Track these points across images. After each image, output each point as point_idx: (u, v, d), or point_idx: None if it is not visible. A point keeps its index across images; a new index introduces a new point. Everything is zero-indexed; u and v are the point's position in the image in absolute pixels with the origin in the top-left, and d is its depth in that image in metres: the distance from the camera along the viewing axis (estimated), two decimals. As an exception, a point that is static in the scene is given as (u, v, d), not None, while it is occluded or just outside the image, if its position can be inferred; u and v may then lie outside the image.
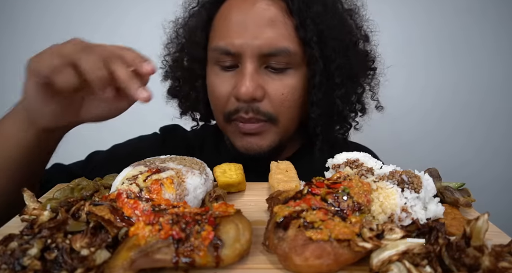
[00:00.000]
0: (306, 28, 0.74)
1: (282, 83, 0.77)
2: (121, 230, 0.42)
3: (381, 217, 0.46)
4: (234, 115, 0.78)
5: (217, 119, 0.86)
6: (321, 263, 0.38)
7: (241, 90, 0.73)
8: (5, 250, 0.39)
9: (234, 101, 0.77)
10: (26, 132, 0.60)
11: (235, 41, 0.73)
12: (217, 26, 0.79)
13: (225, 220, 0.42)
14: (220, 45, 0.76)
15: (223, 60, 0.77)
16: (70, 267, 0.37)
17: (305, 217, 0.42)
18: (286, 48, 0.74)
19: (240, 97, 0.74)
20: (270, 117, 0.78)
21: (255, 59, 0.74)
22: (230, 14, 0.76)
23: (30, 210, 0.49)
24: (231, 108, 0.78)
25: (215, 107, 0.83)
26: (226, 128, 0.84)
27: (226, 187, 0.62)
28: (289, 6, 0.75)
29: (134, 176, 0.51)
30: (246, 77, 0.73)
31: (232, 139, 0.83)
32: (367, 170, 0.56)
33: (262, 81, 0.76)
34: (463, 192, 0.58)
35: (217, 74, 0.80)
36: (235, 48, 0.74)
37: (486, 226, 0.37)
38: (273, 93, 0.76)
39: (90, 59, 0.50)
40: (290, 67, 0.77)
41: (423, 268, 0.36)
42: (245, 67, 0.74)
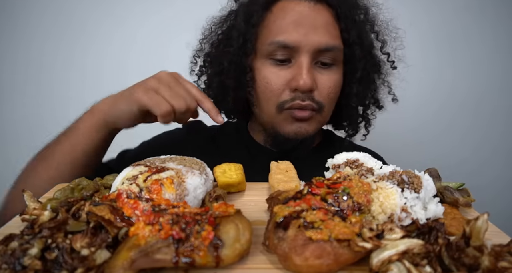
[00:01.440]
0: (350, 32, 0.86)
1: (329, 77, 0.87)
2: (121, 230, 0.42)
3: (381, 217, 0.46)
4: (289, 104, 0.86)
5: (267, 110, 0.91)
6: (321, 263, 0.38)
7: (300, 82, 0.82)
8: (6, 250, 0.39)
9: (288, 93, 0.86)
10: (98, 132, 0.77)
11: (294, 35, 0.82)
12: (272, 23, 0.86)
13: (225, 220, 0.42)
14: (278, 39, 0.83)
15: (277, 54, 0.85)
16: (70, 267, 0.37)
17: (305, 217, 0.42)
18: (338, 46, 0.85)
19: (300, 88, 0.83)
20: (320, 106, 0.88)
21: (310, 54, 0.83)
22: (286, 13, 0.85)
23: (30, 210, 0.49)
24: (286, 98, 0.87)
25: (268, 98, 0.89)
26: (276, 117, 0.90)
27: (226, 187, 0.62)
28: (337, 13, 0.86)
29: (134, 176, 0.51)
30: (304, 69, 0.82)
31: (282, 126, 0.91)
32: (367, 170, 0.56)
33: (313, 75, 0.85)
34: (463, 192, 0.58)
35: (270, 68, 0.87)
36: (294, 43, 0.82)
37: (485, 226, 0.37)
38: (322, 86, 0.86)
39: (181, 102, 0.71)
40: (334, 63, 0.87)
41: (423, 268, 0.36)
42: (302, 61, 0.83)
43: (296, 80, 0.83)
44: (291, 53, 0.84)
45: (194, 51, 1.05)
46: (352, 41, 0.87)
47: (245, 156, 0.79)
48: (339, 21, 0.87)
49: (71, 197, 0.54)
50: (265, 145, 1.00)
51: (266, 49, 0.86)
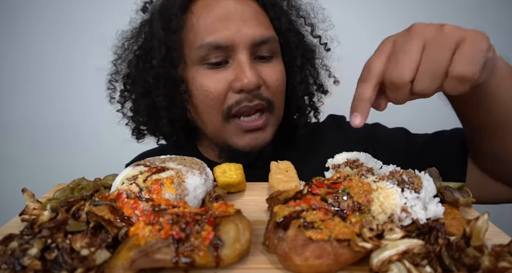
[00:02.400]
0: (280, 20, 0.82)
1: (273, 69, 0.81)
2: (121, 230, 0.42)
3: (381, 217, 0.46)
4: (236, 108, 0.78)
5: (212, 121, 0.81)
6: (321, 263, 0.38)
7: (245, 80, 0.74)
8: (5, 250, 0.39)
9: (232, 95, 0.77)
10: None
11: (225, 33, 0.74)
12: (195, 24, 0.77)
13: (225, 220, 0.42)
14: (208, 40, 0.74)
15: (211, 57, 0.76)
16: (70, 267, 0.37)
17: (305, 217, 0.42)
18: (273, 36, 0.80)
19: (246, 87, 0.75)
20: (270, 103, 0.81)
21: (247, 49, 0.76)
22: (210, 11, 0.77)
23: (30, 210, 0.49)
24: (231, 102, 0.78)
25: (210, 108, 0.79)
26: (223, 129, 0.81)
27: (226, 187, 0.62)
28: (263, 2, 0.82)
29: (134, 176, 0.51)
30: (246, 67, 0.75)
31: (233, 139, 0.82)
32: (367, 170, 0.56)
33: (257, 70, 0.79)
34: (463, 192, 0.58)
35: (205, 74, 0.78)
36: (227, 41, 0.74)
37: (486, 226, 0.37)
38: (268, 79, 0.80)
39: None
40: (274, 55, 0.82)
41: (423, 268, 0.36)
42: (241, 58, 0.76)
43: (240, 79, 0.74)
44: (226, 53, 0.76)
45: (110, 76, 0.93)
46: (285, 28, 0.83)
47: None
48: (267, 10, 0.82)
49: (71, 197, 0.54)
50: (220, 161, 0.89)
51: (196, 54, 0.77)
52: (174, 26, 0.78)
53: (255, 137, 0.81)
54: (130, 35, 0.90)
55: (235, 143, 0.82)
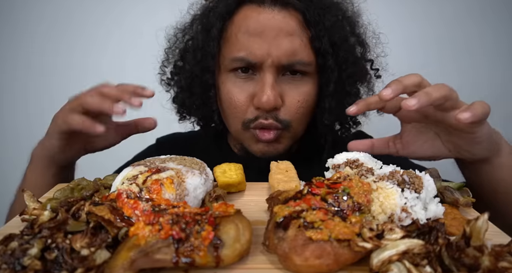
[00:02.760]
0: (321, 39, 0.78)
1: (298, 90, 0.80)
2: (121, 230, 0.42)
3: (381, 217, 0.46)
4: (253, 123, 0.81)
5: (234, 126, 0.86)
6: (321, 263, 0.38)
7: (263, 99, 0.75)
8: (6, 250, 0.39)
9: (253, 110, 0.80)
10: (50, 174, 0.75)
11: (256, 52, 0.76)
12: (234, 36, 0.79)
13: (225, 220, 0.42)
14: (241, 55, 0.77)
15: (240, 68, 0.80)
16: (70, 267, 0.37)
17: (305, 217, 0.42)
18: (301, 60, 0.78)
19: (262, 106, 0.76)
20: (286, 124, 0.81)
21: (274, 69, 0.77)
22: (248, 25, 0.77)
23: (30, 210, 0.49)
24: (250, 116, 0.81)
25: (233, 115, 0.83)
26: (242, 135, 0.85)
27: (226, 187, 0.62)
28: (305, 17, 0.78)
29: (134, 176, 0.51)
30: (267, 87, 0.76)
31: (248, 144, 0.86)
32: (367, 170, 0.56)
33: (280, 90, 0.79)
34: (463, 192, 0.58)
35: (234, 82, 0.81)
36: (256, 58, 0.76)
37: (486, 226, 0.37)
38: (289, 100, 0.80)
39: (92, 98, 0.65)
40: (305, 75, 0.81)
41: (423, 268, 0.36)
42: (265, 77, 0.77)
43: (259, 97, 0.76)
44: (255, 68, 0.79)
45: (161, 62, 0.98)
46: (324, 50, 0.78)
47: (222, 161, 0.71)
48: (309, 28, 0.78)
49: (71, 197, 0.54)
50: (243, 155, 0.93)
51: (228, 64, 0.80)
52: (213, 35, 0.81)
53: (267, 146, 0.84)
54: (182, 27, 0.93)
55: (249, 147, 0.86)
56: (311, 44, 0.78)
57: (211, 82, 0.84)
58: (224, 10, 0.81)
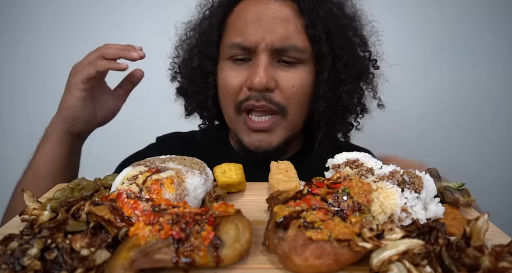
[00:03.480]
0: (316, 27, 0.81)
1: (293, 75, 0.83)
2: (121, 230, 0.42)
3: (381, 217, 0.46)
4: (244, 103, 0.83)
5: (228, 112, 0.88)
6: (321, 263, 0.38)
7: (255, 80, 0.78)
8: (5, 250, 0.39)
9: (246, 91, 0.83)
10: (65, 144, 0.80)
11: (251, 36, 0.80)
12: (232, 25, 0.85)
13: (225, 220, 0.42)
14: (236, 41, 0.82)
15: (237, 54, 0.83)
16: (70, 267, 0.37)
17: (305, 217, 0.42)
18: (295, 45, 0.81)
19: (254, 86, 0.79)
20: (282, 107, 0.82)
21: (268, 52, 0.80)
22: (245, 14, 0.82)
23: (30, 210, 0.49)
24: (242, 97, 0.83)
25: (226, 98, 0.86)
26: (235, 122, 0.87)
27: (226, 187, 0.62)
28: (300, 6, 0.81)
29: (134, 176, 0.51)
30: (260, 68, 0.79)
31: (241, 135, 0.87)
32: (367, 170, 0.56)
33: (274, 74, 0.81)
34: (463, 192, 0.58)
35: (231, 67, 0.85)
36: (250, 43, 0.80)
37: (486, 226, 0.37)
38: (284, 84, 0.82)
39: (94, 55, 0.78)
40: (300, 62, 0.83)
41: (423, 268, 0.36)
42: (259, 60, 0.80)
43: (251, 78, 0.79)
44: (250, 53, 0.82)
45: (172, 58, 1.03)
46: (318, 37, 0.81)
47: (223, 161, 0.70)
48: (303, 16, 0.81)
49: (71, 197, 0.54)
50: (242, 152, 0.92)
51: (226, 52, 0.85)
52: (215, 23, 0.86)
53: (260, 138, 0.84)
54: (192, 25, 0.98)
55: (242, 138, 0.87)
56: (306, 31, 0.81)
57: (210, 69, 0.88)
58: (226, 2, 0.87)
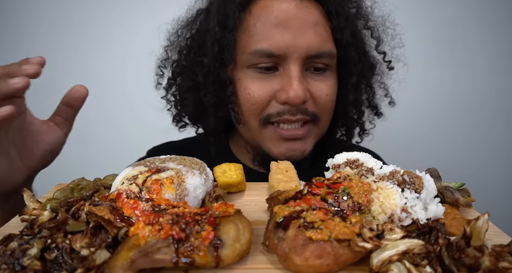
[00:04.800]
0: (343, 31, 0.74)
1: (325, 84, 0.76)
2: (121, 230, 0.41)
3: (381, 217, 0.46)
4: (276, 118, 0.75)
5: (251, 125, 0.79)
6: (321, 263, 0.38)
7: (291, 93, 0.70)
8: (5, 250, 0.39)
9: (275, 104, 0.75)
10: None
11: (280, 42, 0.71)
12: (252, 27, 0.73)
13: (225, 220, 0.42)
14: (262, 47, 0.72)
15: (262, 63, 0.73)
16: (70, 267, 0.37)
17: (305, 217, 0.42)
18: (331, 50, 0.74)
19: (291, 101, 0.72)
20: (315, 116, 0.77)
21: (300, 61, 0.72)
22: (269, 15, 0.72)
23: (30, 210, 0.49)
24: (272, 111, 0.75)
25: (250, 111, 0.76)
26: (259, 134, 0.79)
27: (226, 187, 0.62)
28: (327, 8, 0.74)
29: (134, 176, 0.51)
30: (296, 80, 0.71)
31: (268, 146, 0.79)
32: (367, 170, 0.55)
33: (307, 84, 0.75)
34: (463, 192, 0.57)
35: (254, 77, 0.75)
36: (280, 49, 0.71)
37: (486, 226, 0.37)
38: (318, 94, 0.75)
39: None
40: (328, 68, 0.77)
41: (423, 268, 0.36)
42: (291, 70, 0.72)
43: (286, 91, 0.71)
44: (277, 61, 0.73)
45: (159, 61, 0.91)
46: (346, 41, 0.75)
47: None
48: (330, 19, 0.75)
49: (70, 197, 0.54)
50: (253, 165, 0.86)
51: (247, 59, 0.74)
52: (230, 25, 0.74)
53: (293, 148, 0.77)
54: (185, 23, 0.86)
55: (270, 150, 0.79)
56: (333, 36, 0.75)
57: (227, 77, 0.77)
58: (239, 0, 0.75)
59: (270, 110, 0.75)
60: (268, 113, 0.75)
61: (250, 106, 0.76)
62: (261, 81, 0.74)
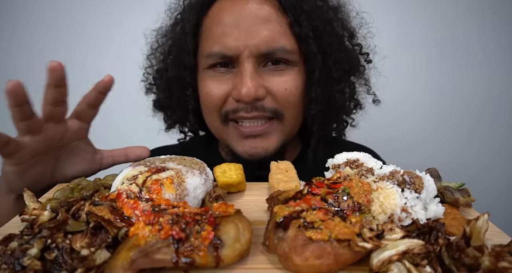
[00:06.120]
0: (301, 24, 0.73)
1: (283, 79, 0.75)
2: (121, 230, 0.41)
3: (381, 217, 0.46)
4: (232, 115, 0.76)
5: (212, 123, 0.81)
6: (321, 263, 0.38)
7: (242, 91, 0.71)
8: (5, 250, 0.39)
9: (233, 102, 0.76)
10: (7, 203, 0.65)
11: (231, 43, 0.72)
12: (208, 30, 0.76)
13: (225, 220, 0.42)
14: (215, 50, 0.74)
15: (218, 64, 0.76)
16: (70, 267, 0.37)
17: (305, 217, 0.42)
18: (283, 46, 0.73)
19: (242, 98, 0.72)
20: (277, 112, 0.76)
21: (253, 59, 0.73)
22: (221, 17, 0.74)
23: (30, 210, 0.49)
24: (229, 108, 0.76)
25: (209, 109, 0.79)
26: (223, 132, 0.81)
27: (226, 187, 0.62)
28: (281, 3, 0.73)
29: (134, 176, 0.51)
30: (246, 77, 0.71)
31: (232, 144, 0.80)
32: (367, 170, 0.56)
33: (262, 80, 0.74)
34: (463, 192, 0.57)
35: (213, 76, 0.77)
36: (231, 51, 0.72)
37: (486, 226, 0.37)
38: (275, 89, 0.75)
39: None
40: (288, 64, 0.76)
41: (423, 268, 0.36)
42: (244, 68, 0.72)
43: (238, 89, 0.72)
44: (232, 61, 0.75)
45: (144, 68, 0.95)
46: (305, 35, 0.73)
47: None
48: (286, 13, 0.74)
49: (71, 197, 0.54)
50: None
51: (205, 61, 0.77)
52: (187, 29, 0.77)
53: (254, 145, 0.77)
54: (164, 32, 0.90)
55: (234, 148, 0.80)
56: (291, 30, 0.74)
57: (189, 80, 0.80)
58: (198, 4, 0.78)
59: (227, 107, 0.77)
60: (225, 109, 0.78)
61: (209, 103, 0.79)
62: (219, 80, 0.77)
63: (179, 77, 0.81)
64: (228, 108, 0.77)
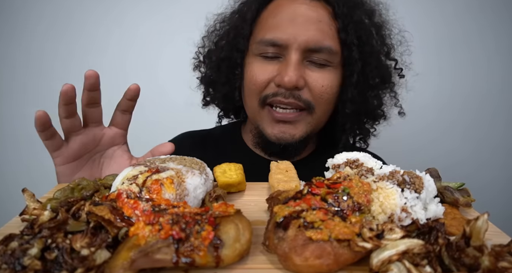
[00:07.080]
0: (348, 31, 0.82)
1: (322, 75, 0.84)
2: (121, 230, 0.41)
3: (381, 217, 0.46)
4: (271, 98, 0.84)
5: (250, 104, 0.90)
6: (321, 263, 0.38)
7: (285, 78, 0.80)
8: (6, 250, 0.39)
9: (273, 87, 0.84)
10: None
11: (284, 34, 0.80)
12: (264, 21, 0.86)
13: (225, 220, 0.42)
14: (267, 37, 0.82)
15: (268, 52, 0.84)
16: (70, 267, 0.37)
17: (305, 217, 0.42)
18: (330, 47, 0.82)
19: (284, 84, 0.81)
20: (309, 104, 0.84)
21: (300, 51, 0.81)
22: (279, 11, 0.83)
23: (30, 210, 0.49)
24: (269, 92, 0.85)
25: (251, 91, 0.87)
26: (258, 114, 0.89)
27: (226, 187, 0.62)
28: (335, 10, 0.83)
29: (134, 176, 0.51)
30: (291, 66, 0.80)
31: (264, 126, 0.89)
32: (367, 170, 0.56)
33: (303, 73, 0.83)
34: (463, 192, 0.58)
35: (259, 63, 0.86)
36: (282, 40, 0.81)
37: (485, 226, 0.37)
38: (313, 84, 0.83)
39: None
40: (329, 65, 0.84)
41: (423, 268, 0.36)
42: (290, 58, 0.81)
43: (281, 75, 0.81)
44: (281, 51, 0.83)
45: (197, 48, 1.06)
46: (350, 41, 0.82)
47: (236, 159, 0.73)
48: (337, 20, 0.83)
49: (71, 197, 0.54)
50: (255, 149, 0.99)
51: (256, 47, 0.86)
52: (248, 18, 0.87)
53: (283, 130, 0.86)
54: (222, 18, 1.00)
55: (264, 130, 0.89)
56: (338, 34, 0.83)
57: (239, 62, 0.90)
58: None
59: (267, 91, 0.85)
60: (265, 93, 0.86)
61: (252, 85, 0.87)
62: (264, 66, 0.85)
63: (230, 58, 0.90)
64: (268, 92, 0.85)
